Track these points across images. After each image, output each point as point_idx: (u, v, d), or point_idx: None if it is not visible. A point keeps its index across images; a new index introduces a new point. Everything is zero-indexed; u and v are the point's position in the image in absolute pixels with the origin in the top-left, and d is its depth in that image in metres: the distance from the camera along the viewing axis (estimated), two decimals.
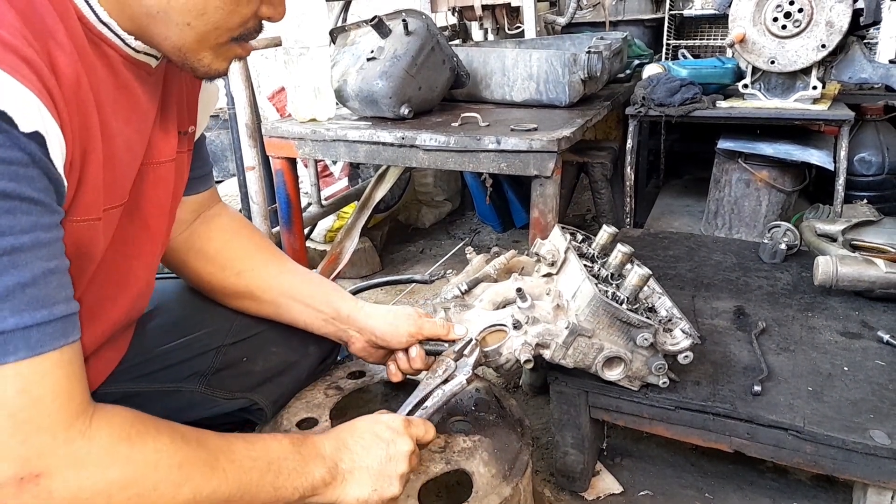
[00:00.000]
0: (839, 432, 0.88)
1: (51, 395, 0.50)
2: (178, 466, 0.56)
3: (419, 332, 0.92)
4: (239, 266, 0.92)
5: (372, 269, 2.28)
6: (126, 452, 0.54)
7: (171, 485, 0.55)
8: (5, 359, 0.48)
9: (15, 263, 0.49)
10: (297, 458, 0.66)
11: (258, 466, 0.62)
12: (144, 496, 0.54)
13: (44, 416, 0.50)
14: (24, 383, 0.49)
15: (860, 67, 1.80)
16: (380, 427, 0.74)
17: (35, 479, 0.49)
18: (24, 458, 0.48)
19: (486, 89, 1.91)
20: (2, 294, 0.48)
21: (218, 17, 0.60)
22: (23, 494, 0.48)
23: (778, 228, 1.46)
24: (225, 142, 2.84)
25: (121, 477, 0.53)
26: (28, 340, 0.49)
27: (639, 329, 0.91)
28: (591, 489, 1.14)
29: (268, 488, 0.62)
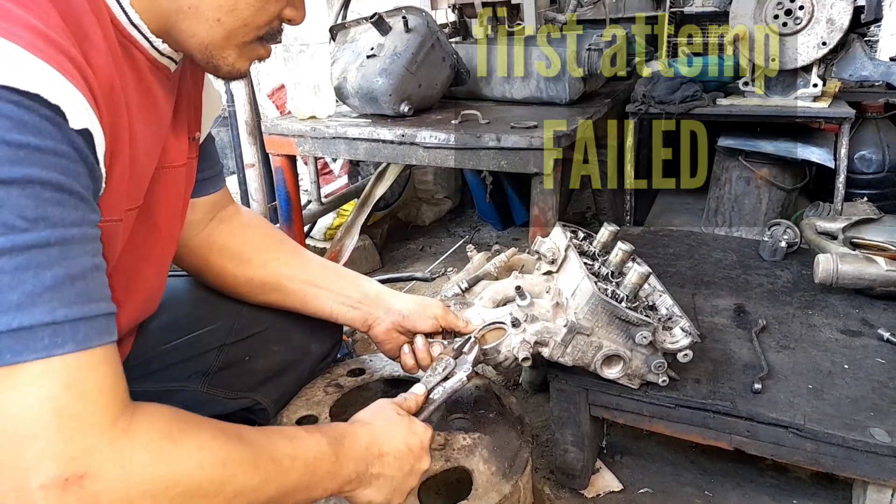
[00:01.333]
0: (839, 430, 0.88)
1: (97, 392, 0.48)
2: (222, 465, 0.54)
3: (445, 317, 0.94)
4: (265, 258, 0.93)
5: (372, 266, 2.28)
6: (170, 450, 0.52)
7: (215, 483, 0.53)
8: (53, 351, 0.46)
9: (65, 255, 0.48)
10: (333, 461, 0.65)
11: (296, 468, 0.61)
12: (188, 496, 0.52)
13: (90, 412, 0.48)
14: (71, 378, 0.47)
15: (861, 65, 1.79)
16: (414, 440, 0.74)
17: (79, 480, 0.46)
18: (70, 456, 0.46)
19: (486, 87, 1.90)
20: (52, 285, 0.46)
21: (248, 14, 0.61)
22: (67, 497, 0.45)
23: (778, 226, 1.46)
24: (225, 139, 2.83)
25: (166, 476, 0.51)
26: (76, 334, 0.48)
27: (638, 327, 0.90)
28: (590, 487, 1.14)
29: (302, 490, 0.62)
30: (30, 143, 0.46)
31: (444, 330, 0.95)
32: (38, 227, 0.46)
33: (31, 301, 0.45)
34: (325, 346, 1.03)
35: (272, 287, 0.93)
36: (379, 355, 1.04)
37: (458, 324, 0.95)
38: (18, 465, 0.44)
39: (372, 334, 0.96)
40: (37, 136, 0.46)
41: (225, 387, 0.90)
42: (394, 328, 0.94)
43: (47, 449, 0.45)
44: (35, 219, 0.46)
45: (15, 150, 0.45)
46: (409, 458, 0.73)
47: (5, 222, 0.45)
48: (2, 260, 0.44)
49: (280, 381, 0.96)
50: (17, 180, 0.45)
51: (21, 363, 0.45)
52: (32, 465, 0.44)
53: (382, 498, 0.70)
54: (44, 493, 0.45)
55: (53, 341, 0.46)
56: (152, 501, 0.49)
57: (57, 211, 0.47)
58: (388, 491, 0.71)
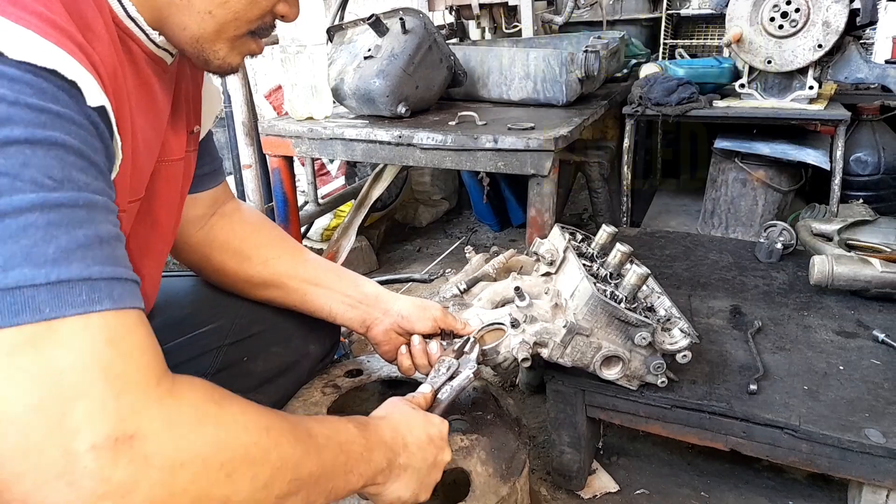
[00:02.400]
0: (834, 431, 0.89)
1: (139, 350, 0.46)
2: (267, 430, 0.52)
3: (443, 319, 0.94)
4: (265, 255, 0.92)
5: (369, 267, 2.28)
6: (215, 412, 0.50)
7: (262, 448, 0.51)
8: (92, 307, 0.44)
9: (93, 218, 0.46)
10: (363, 443, 0.63)
11: (332, 446, 0.59)
12: (236, 460, 0.49)
13: (134, 371, 0.45)
14: (112, 334, 0.45)
15: (856, 67, 1.80)
16: (433, 430, 0.73)
17: (129, 440, 0.43)
18: (119, 415, 0.43)
19: (483, 88, 1.90)
20: (84, 243, 0.45)
21: (239, 8, 0.61)
22: (119, 458, 0.42)
23: (774, 228, 1.47)
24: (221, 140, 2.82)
25: (213, 438, 0.48)
26: (112, 292, 0.45)
27: (637, 328, 0.91)
28: (587, 488, 1.14)
29: (339, 471, 0.59)
30: (51, 109, 0.45)
31: (443, 331, 0.95)
32: (65, 188, 0.45)
33: (66, 256, 0.43)
34: (323, 347, 1.03)
35: (272, 284, 0.93)
36: (376, 356, 1.04)
37: (456, 325, 0.94)
38: (65, 427, 0.41)
39: (370, 335, 0.96)
40: (56, 103, 0.45)
41: (224, 388, 0.90)
42: (392, 329, 0.94)
43: (94, 408, 0.42)
44: (62, 180, 0.45)
45: (37, 113, 0.44)
46: (432, 448, 0.71)
47: (34, 179, 0.43)
48: (34, 215, 0.43)
49: (279, 382, 0.96)
50: (42, 141, 0.44)
51: (60, 318, 0.42)
52: (80, 426, 0.41)
53: (410, 493, 0.68)
54: (95, 455, 0.41)
55: (91, 297, 0.44)
56: (202, 465, 0.47)
57: (81, 176, 0.46)
58: (416, 485, 0.69)
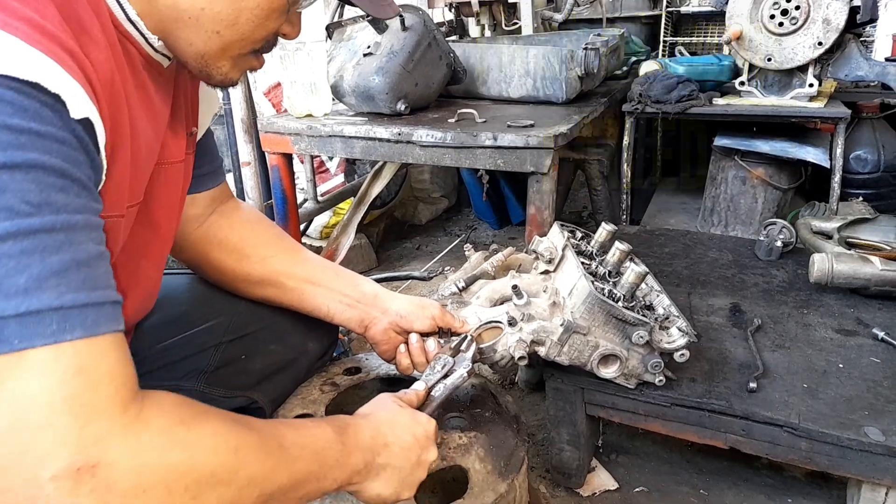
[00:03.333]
0: (834, 429, 0.89)
1: (107, 378, 0.47)
2: (235, 451, 0.53)
3: (442, 317, 0.94)
4: (263, 253, 0.93)
5: (368, 265, 2.28)
6: (182, 436, 0.50)
7: (228, 470, 0.52)
8: (63, 336, 0.44)
9: (71, 241, 0.46)
10: (340, 449, 0.64)
11: (305, 456, 0.60)
12: (203, 483, 0.50)
13: (101, 399, 0.46)
14: (81, 364, 0.45)
15: (856, 65, 1.80)
16: (419, 430, 0.73)
17: (92, 469, 0.44)
18: (83, 445, 0.44)
19: (482, 86, 1.90)
20: (59, 269, 0.45)
21: (247, 29, 0.62)
22: (80, 487, 0.43)
23: (774, 226, 1.47)
24: (221, 137, 2.82)
25: (179, 462, 0.49)
26: (85, 319, 0.46)
27: (634, 327, 0.90)
28: (586, 485, 1.14)
29: (312, 479, 0.60)
30: (31, 129, 0.45)
31: (441, 330, 0.95)
32: (42, 212, 0.45)
33: (39, 285, 0.44)
34: (321, 345, 1.03)
35: (270, 283, 0.93)
36: (374, 354, 1.04)
37: (454, 323, 0.94)
38: (29, 456, 0.43)
39: (368, 335, 0.96)
40: (38, 121, 0.45)
41: (222, 385, 0.90)
42: (390, 328, 0.94)
43: (59, 438, 0.43)
44: (39, 204, 0.45)
45: (16, 134, 0.44)
46: (416, 448, 0.71)
47: (9, 206, 0.43)
48: (7, 244, 0.43)
49: (277, 379, 0.96)
50: (20, 165, 0.44)
51: (30, 349, 0.43)
52: (44, 456, 0.43)
53: (391, 491, 0.69)
54: (56, 484, 0.43)
55: (62, 326, 0.45)
56: (166, 490, 0.48)
57: (60, 197, 0.46)
58: (397, 483, 0.69)
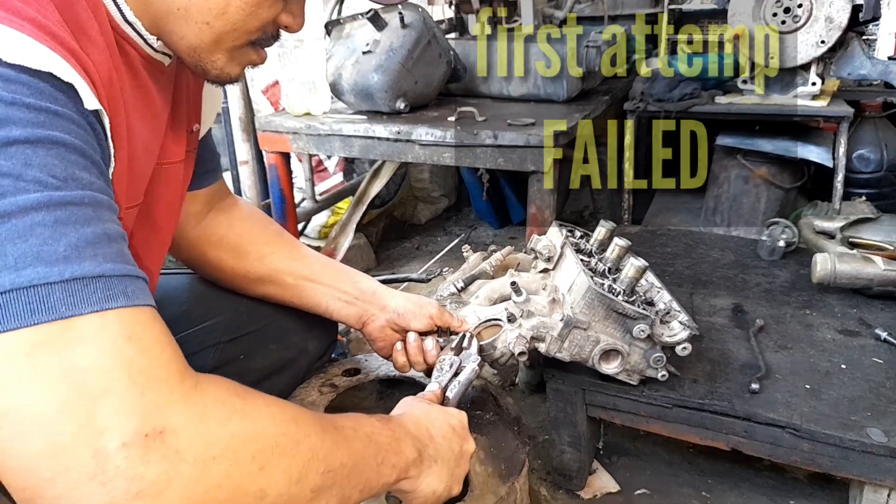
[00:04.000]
0: (836, 430, 0.88)
1: (158, 346, 0.45)
2: (294, 421, 0.52)
3: (440, 316, 0.93)
4: (262, 251, 0.92)
5: (367, 265, 2.27)
6: (241, 406, 0.49)
7: (290, 439, 0.50)
8: (107, 304, 0.43)
9: (99, 216, 0.46)
10: (390, 434, 0.62)
11: (360, 437, 0.58)
12: (267, 452, 0.48)
13: (156, 366, 0.44)
14: (130, 331, 0.44)
15: (859, 64, 1.79)
16: (455, 422, 0.72)
17: (160, 435, 0.42)
18: (146, 411, 0.42)
19: (483, 84, 1.89)
20: (93, 241, 0.44)
21: (237, 19, 0.59)
22: (150, 454, 0.41)
23: (776, 225, 1.46)
24: (218, 136, 2.81)
25: (242, 430, 0.47)
26: (125, 289, 0.45)
27: (635, 320, 0.90)
28: (587, 488, 1.13)
29: (371, 462, 0.58)
30: (49, 108, 0.44)
31: (439, 329, 0.94)
32: (69, 186, 0.44)
33: (78, 253, 0.43)
34: (321, 345, 1.02)
35: (269, 280, 0.92)
36: (374, 355, 1.03)
37: (453, 322, 0.94)
38: (93, 426, 0.40)
39: (366, 331, 0.95)
40: (54, 103, 0.45)
41: None
42: (388, 326, 0.94)
43: (121, 405, 0.41)
44: (65, 178, 0.44)
45: (35, 112, 0.44)
46: (456, 438, 0.70)
47: (37, 179, 0.42)
48: (40, 214, 0.42)
49: (277, 379, 0.95)
50: (42, 140, 0.43)
51: (77, 316, 0.42)
52: (108, 425, 0.41)
53: (444, 486, 0.67)
54: (126, 453, 0.41)
55: (106, 294, 0.43)
56: (234, 458, 0.46)
57: (85, 174, 0.46)
58: (448, 477, 0.67)
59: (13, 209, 0.41)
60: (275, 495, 0.48)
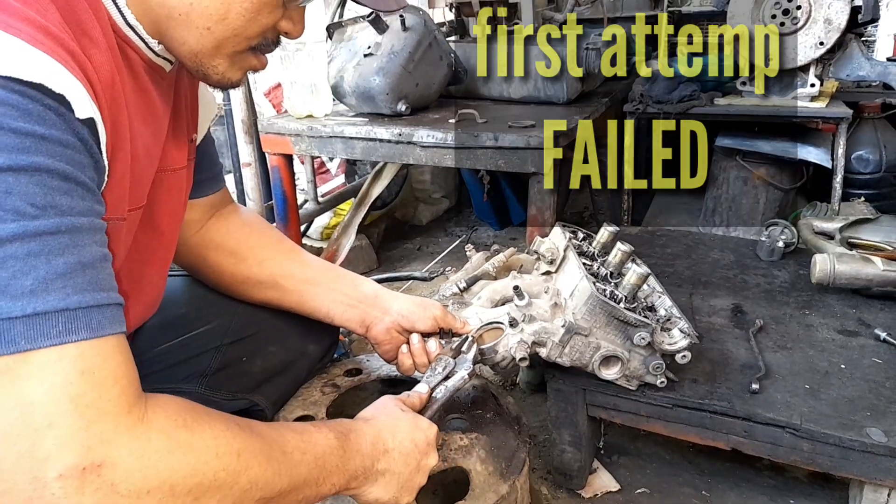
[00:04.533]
0: (836, 430, 0.88)
1: (112, 380, 0.48)
2: (237, 454, 0.54)
3: (443, 317, 0.94)
4: (261, 255, 0.93)
5: (369, 266, 2.27)
6: (186, 439, 0.51)
7: (231, 473, 0.53)
8: (68, 338, 0.45)
9: (75, 243, 0.47)
10: (341, 455, 0.65)
11: (307, 461, 0.61)
12: (205, 485, 0.51)
13: (105, 400, 0.47)
14: (86, 365, 0.46)
15: (858, 65, 1.80)
16: (419, 436, 0.73)
17: (97, 469, 0.45)
18: (87, 445, 0.45)
19: (483, 86, 1.90)
20: (64, 272, 0.46)
21: (238, 24, 0.60)
22: (85, 487, 0.44)
23: (776, 226, 1.46)
24: (221, 138, 2.82)
25: (183, 465, 0.50)
26: (90, 321, 0.47)
27: (636, 328, 0.90)
28: (588, 487, 1.13)
29: (311, 484, 0.61)
30: (35, 132, 0.45)
31: (442, 330, 0.95)
32: (47, 215, 0.46)
33: (45, 287, 0.45)
34: (322, 347, 1.03)
35: (269, 285, 0.93)
36: (375, 355, 1.04)
37: (455, 324, 0.94)
38: (35, 455, 0.43)
39: (370, 335, 0.96)
40: (42, 125, 0.46)
41: (222, 388, 0.89)
42: (392, 328, 0.94)
43: (64, 438, 0.44)
44: (44, 206, 0.45)
45: (21, 137, 0.45)
46: (416, 453, 0.72)
47: (16, 208, 0.44)
48: (14, 246, 0.44)
49: (278, 381, 0.95)
50: (25, 168, 0.45)
51: (36, 349, 0.44)
52: (49, 455, 0.43)
53: (390, 496, 0.69)
54: (62, 483, 0.43)
55: (67, 328, 0.45)
56: (170, 492, 0.48)
57: (65, 200, 0.47)
58: (396, 488, 0.70)
59: None
60: None
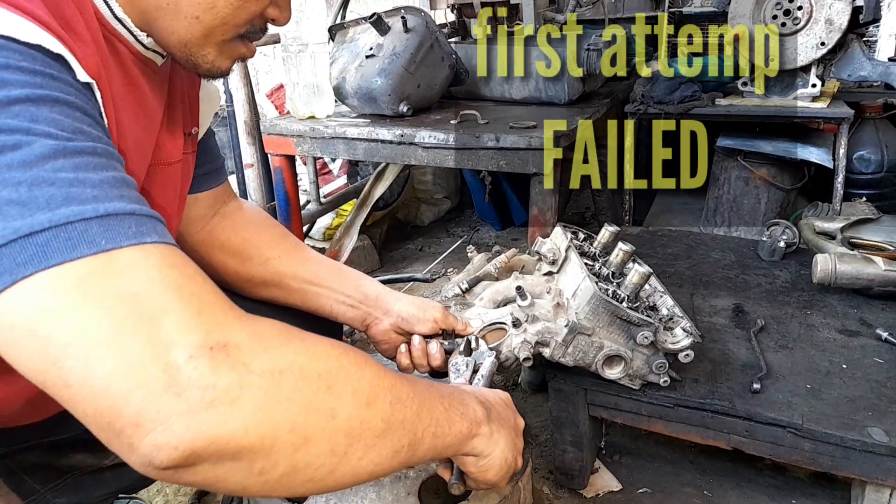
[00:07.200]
0: (837, 430, 0.89)
1: (201, 276, 0.46)
2: (353, 352, 0.51)
3: (444, 319, 0.94)
4: (266, 255, 0.92)
5: (371, 266, 2.28)
6: (297, 334, 0.49)
7: (353, 363, 0.49)
8: (144, 238, 0.44)
9: (113, 165, 0.46)
10: (451, 389, 0.61)
11: (421, 382, 0.56)
12: (332, 372, 0.47)
13: (205, 291, 0.45)
14: (173, 261, 0.45)
15: (859, 65, 1.79)
16: (502, 395, 0.70)
17: (224, 348, 0.43)
18: (206, 328, 0.43)
19: (485, 87, 1.90)
20: (115, 183, 0.45)
21: (227, 13, 0.60)
22: (219, 365, 0.42)
23: (777, 226, 1.46)
24: (223, 139, 2.82)
25: (304, 350, 0.47)
26: (155, 227, 0.46)
27: (639, 327, 0.91)
28: (589, 486, 1.14)
29: (437, 405, 0.56)
30: (45, 72, 0.45)
31: (444, 331, 0.95)
32: (80, 138, 0.45)
33: (106, 193, 0.43)
34: None
35: (273, 284, 0.93)
36: (377, 355, 1.04)
37: (457, 325, 0.94)
38: (158, 343, 0.41)
39: (370, 334, 0.96)
40: (49, 68, 0.45)
41: None
42: (392, 329, 0.95)
43: (182, 321, 0.42)
44: (74, 131, 0.45)
45: (31, 75, 0.44)
46: (509, 411, 0.69)
47: (47, 132, 0.43)
48: (59, 161, 0.42)
49: None
50: (43, 98, 0.44)
51: (118, 248, 0.43)
52: (173, 339, 0.41)
53: (512, 456, 0.65)
54: (195, 364, 0.41)
55: (139, 230, 0.44)
56: (301, 373, 0.45)
57: (92, 129, 0.46)
58: (511, 449, 0.65)
59: (32, 158, 0.42)
60: (345, 416, 0.47)
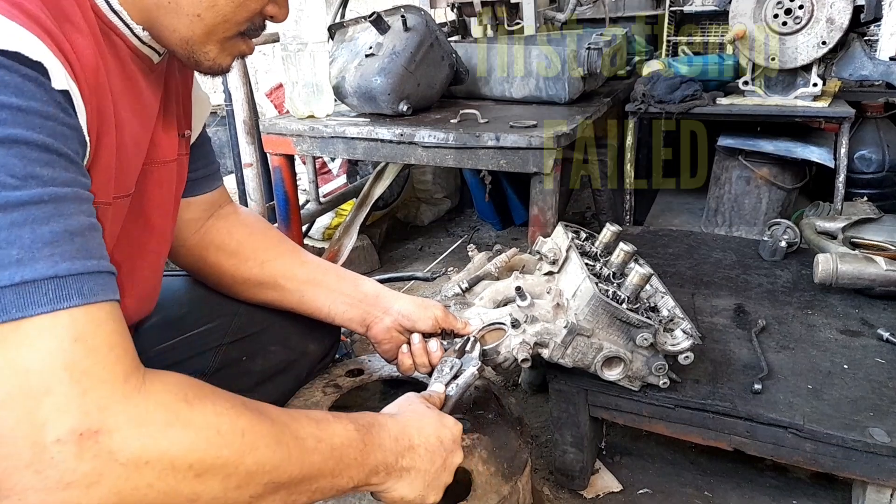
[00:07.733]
0: (838, 430, 0.88)
1: (106, 347, 0.47)
2: (241, 433, 0.51)
3: (444, 318, 0.93)
4: (262, 256, 0.92)
5: (370, 266, 2.27)
6: (186, 413, 0.49)
7: (234, 452, 0.50)
8: (59, 305, 0.45)
9: (60, 212, 0.46)
10: (360, 448, 0.62)
11: (321, 449, 0.58)
12: (207, 463, 0.49)
13: (100, 367, 0.46)
14: (79, 331, 0.45)
15: (861, 64, 1.79)
16: (445, 433, 0.72)
17: (94, 435, 0.44)
18: (84, 411, 0.44)
19: (485, 86, 1.90)
20: (51, 240, 0.45)
21: (228, 10, 0.61)
22: (83, 453, 0.43)
23: (778, 226, 1.46)
24: (223, 138, 2.83)
25: (182, 439, 0.48)
26: (81, 288, 0.46)
27: (639, 329, 0.90)
28: (590, 487, 1.13)
29: (327, 474, 0.58)
30: (12, 104, 0.45)
31: (443, 331, 0.95)
32: (28, 185, 0.45)
33: (32, 255, 0.44)
34: (323, 347, 1.03)
35: (270, 286, 0.92)
36: (377, 356, 1.04)
37: (457, 325, 0.94)
38: (33, 421, 0.43)
39: (370, 334, 0.96)
40: (19, 96, 0.45)
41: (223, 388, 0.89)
42: (392, 328, 0.94)
43: (61, 404, 0.44)
44: (25, 177, 0.45)
45: None
46: (441, 451, 0.70)
47: None
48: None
49: (278, 381, 0.95)
50: (2, 140, 0.44)
51: (27, 318, 0.44)
52: (47, 420, 0.43)
53: (416, 494, 0.67)
54: (60, 448, 0.43)
55: (58, 295, 0.45)
56: (170, 465, 0.47)
57: (46, 171, 0.46)
58: (422, 486, 0.67)
59: None
60: (209, 499, 0.49)
